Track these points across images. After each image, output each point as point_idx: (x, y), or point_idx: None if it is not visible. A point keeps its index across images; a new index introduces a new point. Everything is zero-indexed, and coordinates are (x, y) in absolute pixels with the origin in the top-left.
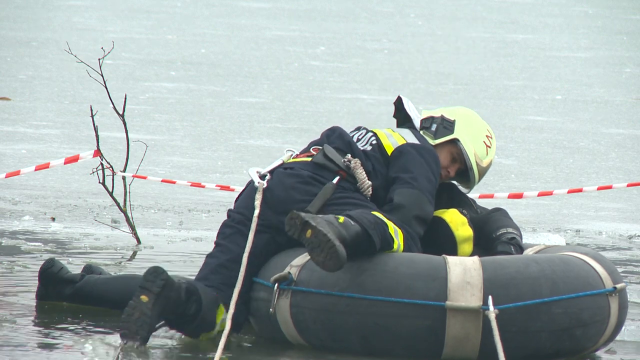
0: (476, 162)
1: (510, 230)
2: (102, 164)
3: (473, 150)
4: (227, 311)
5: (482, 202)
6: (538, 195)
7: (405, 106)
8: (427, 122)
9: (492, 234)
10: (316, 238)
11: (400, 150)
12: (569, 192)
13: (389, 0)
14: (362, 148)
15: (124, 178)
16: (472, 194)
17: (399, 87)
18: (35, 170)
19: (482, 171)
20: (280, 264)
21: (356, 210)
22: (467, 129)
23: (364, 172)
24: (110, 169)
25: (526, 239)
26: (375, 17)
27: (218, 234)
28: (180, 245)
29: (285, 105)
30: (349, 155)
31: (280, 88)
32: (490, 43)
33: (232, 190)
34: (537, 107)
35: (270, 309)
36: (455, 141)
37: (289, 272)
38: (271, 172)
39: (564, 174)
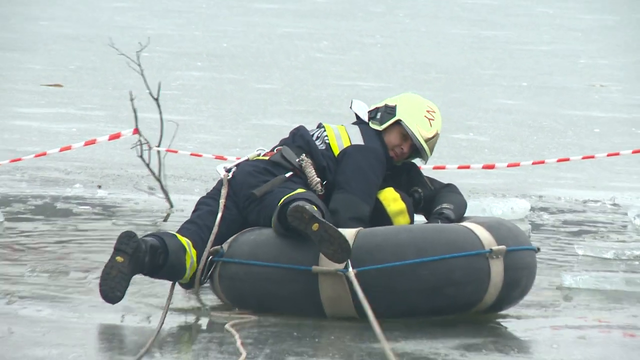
0: (422, 135)
1: (445, 205)
2: (140, 140)
3: (416, 126)
4: (197, 260)
5: (461, 172)
6: (507, 167)
7: (353, 108)
8: (372, 113)
9: (434, 209)
10: (326, 232)
11: (344, 153)
12: (533, 163)
13: (382, 2)
14: (319, 147)
15: (158, 152)
16: (451, 166)
17: (390, 75)
18: (84, 145)
19: (431, 142)
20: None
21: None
22: (407, 109)
23: (313, 171)
24: (147, 144)
25: (497, 203)
26: (370, 16)
27: (195, 211)
28: None
29: (294, 91)
30: (304, 155)
31: (289, 76)
32: (466, 38)
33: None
34: (506, 93)
35: (202, 278)
36: (399, 122)
37: (221, 247)
38: (238, 165)
39: (529, 148)
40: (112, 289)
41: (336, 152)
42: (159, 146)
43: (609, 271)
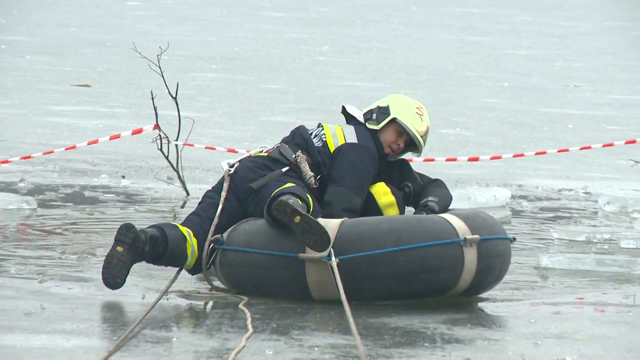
0: (416, 129)
1: (430, 198)
2: (160, 135)
3: (410, 121)
4: (198, 247)
5: (449, 164)
6: (490, 159)
7: (349, 111)
8: (368, 115)
9: (420, 200)
10: (307, 224)
11: (339, 150)
12: (513, 156)
13: (378, 11)
14: (316, 144)
15: (176, 145)
16: (440, 159)
17: (385, 76)
18: (110, 139)
19: (425, 136)
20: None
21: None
22: (399, 108)
23: (307, 166)
24: (166, 138)
25: (481, 192)
26: (367, 23)
27: (200, 204)
28: None
29: (299, 91)
30: (299, 152)
31: (294, 77)
32: (454, 43)
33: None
34: (489, 92)
35: (206, 265)
36: (394, 120)
37: (222, 236)
38: (240, 161)
39: (509, 142)
40: (113, 276)
41: (332, 149)
42: (176, 140)
43: (581, 253)
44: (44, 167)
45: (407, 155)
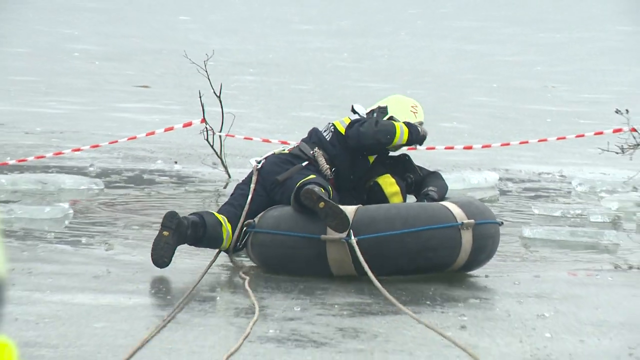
0: (407, 110)
1: (430, 188)
2: (206, 127)
3: (404, 118)
4: (232, 231)
5: (447, 152)
6: (482, 147)
7: (356, 109)
8: (370, 114)
9: (421, 190)
10: (330, 209)
11: (349, 123)
12: (501, 145)
13: (389, 25)
14: (327, 138)
15: (220, 136)
16: (439, 147)
17: (395, 79)
18: (164, 131)
19: (420, 123)
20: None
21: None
22: (396, 107)
23: (324, 160)
24: (212, 130)
25: (474, 175)
26: (380, 35)
27: (232, 194)
28: None
29: (323, 90)
30: (316, 148)
31: (319, 79)
32: (452, 51)
33: (288, 143)
34: (481, 92)
35: (239, 244)
36: (391, 118)
37: (253, 220)
38: (266, 158)
39: (498, 134)
40: (161, 256)
41: (342, 131)
42: (220, 132)
43: (557, 226)
44: (110, 155)
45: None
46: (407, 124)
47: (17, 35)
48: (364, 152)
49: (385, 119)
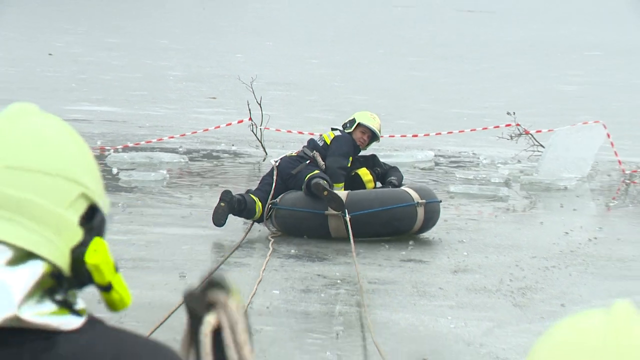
0: (372, 125)
1: (392, 178)
2: (252, 123)
3: (368, 122)
4: (262, 207)
5: (401, 139)
6: (424, 136)
7: (336, 127)
8: (344, 126)
9: (386, 179)
10: (331, 196)
11: (332, 140)
12: (435, 134)
13: (366, 59)
14: (320, 144)
15: (260, 129)
16: (397, 136)
17: (369, 93)
18: (226, 125)
19: (379, 130)
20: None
21: (320, 176)
22: (360, 117)
23: (320, 159)
24: (255, 125)
25: (418, 153)
26: (360, 66)
27: (260, 183)
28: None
29: (323, 101)
30: (314, 152)
31: (321, 94)
32: (406, 76)
33: (312, 134)
34: (424, 102)
35: (265, 216)
36: (359, 124)
37: (277, 200)
38: (281, 159)
39: (434, 127)
40: (218, 219)
41: (328, 142)
42: (260, 126)
43: (470, 184)
44: (192, 140)
45: (372, 146)
46: (321, 177)
47: (132, 66)
48: None
49: (355, 125)
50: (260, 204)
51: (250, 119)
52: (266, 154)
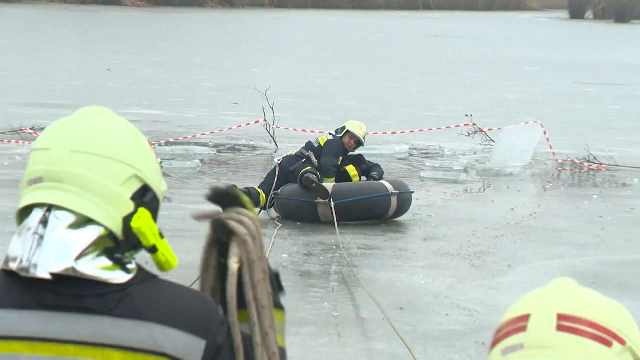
0: (359, 134)
1: (374, 173)
2: (266, 123)
3: (356, 131)
4: (266, 198)
5: (383, 135)
6: (401, 133)
7: (330, 132)
8: (336, 132)
9: (369, 174)
10: (319, 187)
11: (325, 143)
12: (410, 132)
13: (356, 74)
14: (315, 146)
15: (272, 128)
16: (379, 133)
17: (357, 99)
18: (246, 125)
19: (364, 137)
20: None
21: (311, 172)
22: (350, 126)
23: (314, 158)
24: (269, 125)
25: (396, 146)
26: (350, 79)
27: (265, 178)
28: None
29: (323, 106)
30: (309, 152)
31: (322, 100)
32: (384, 88)
33: (322, 132)
34: (401, 106)
35: (268, 206)
36: (348, 131)
37: (278, 191)
38: (283, 158)
39: (408, 126)
40: None
41: (322, 144)
42: (273, 125)
43: (437, 171)
44: (219, 137)
45: (358, 150)
46: (311, 173)
47: (173, 79)
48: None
49: (344, 131)
50: (264, 195)
51: (265, 120)
52: (277, 147)
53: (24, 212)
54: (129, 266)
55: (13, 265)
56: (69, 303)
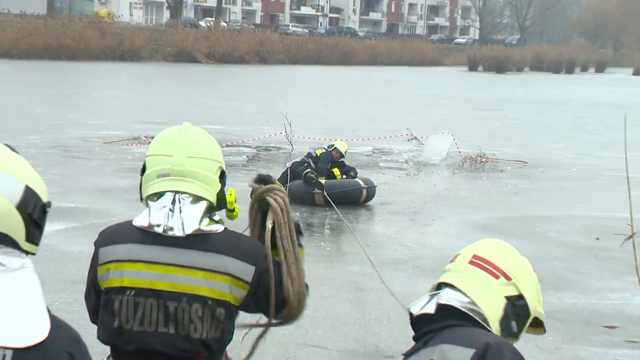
0: (342, 150)
1: (351, 173)
2: (287, 132)
3: (340, 148)
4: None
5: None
6: (369, 139)
7: (323, 147)
8: (328, 146)
9: (348, 174)
10: (316, 183)
11: (320, 154)
12: (378, 138)
13: (349, 102)
14: (313, 154)
15: (291, 137)
16: (360, 140)
17: (347, 117)
18: (274, 135)
19: (345, 152)
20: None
21: (310, 172)
22: (337, 144)
23: (312, 163)
24: (288, 134)
25: (365, 148)
26: (340, 106)
27: (280, 176)
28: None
29: (325, 122)
30: (310, 160)
31: (324, 120)
32: (357, 109)
33: (314, 138)
34: (375, 123)
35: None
36: (335, 147)
37: (289, 185)
38: (292, 162)
39: (377, 135)
40: None
41: (318, 155)
42: (290, 135)
43: (390, 162)
44: (257, 142)
45: (341, 159)
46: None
47: (229, 107)
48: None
49: (332, 147)
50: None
51: (285, 131)
52: (292, 148)
53: (154, 195)
54: (217, 219)
55: (158, 229)
56: (174, 242)
